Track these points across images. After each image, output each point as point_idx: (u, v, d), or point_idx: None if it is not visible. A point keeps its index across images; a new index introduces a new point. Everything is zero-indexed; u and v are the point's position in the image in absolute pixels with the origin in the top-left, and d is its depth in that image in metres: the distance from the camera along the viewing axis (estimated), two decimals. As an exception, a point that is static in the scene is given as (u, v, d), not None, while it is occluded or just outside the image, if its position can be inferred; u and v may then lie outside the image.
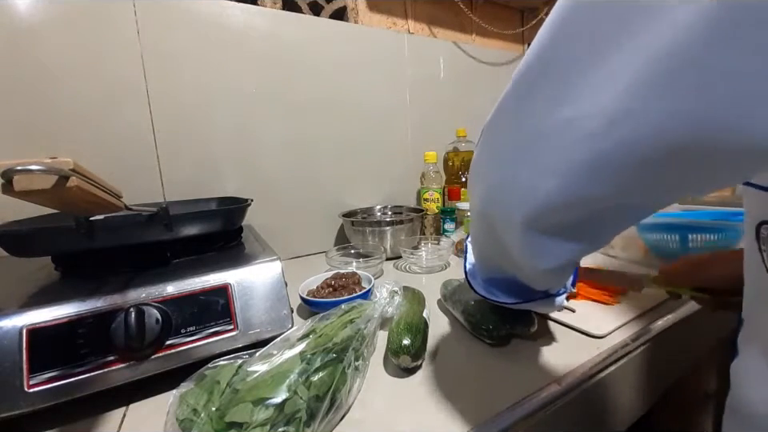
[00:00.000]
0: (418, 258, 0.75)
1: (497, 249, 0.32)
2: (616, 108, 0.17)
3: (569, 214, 0.23)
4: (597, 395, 0.41)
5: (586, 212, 0.22)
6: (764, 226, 0.25)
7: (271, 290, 0.45)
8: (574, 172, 0.20)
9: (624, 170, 0.18)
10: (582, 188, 0.20)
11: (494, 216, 0.28)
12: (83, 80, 0.63)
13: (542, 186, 0.22)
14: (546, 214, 0.23)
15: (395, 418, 0.35)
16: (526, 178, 0.23)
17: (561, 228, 0.24)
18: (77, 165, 0.25)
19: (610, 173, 0.19)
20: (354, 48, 0.90)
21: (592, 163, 0.19)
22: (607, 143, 0.18)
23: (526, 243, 0.26)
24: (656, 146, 0.17)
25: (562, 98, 0.20)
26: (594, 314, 0.51)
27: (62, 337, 0.35)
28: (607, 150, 0.18)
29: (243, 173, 0.79)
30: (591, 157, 0.19)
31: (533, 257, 0.27)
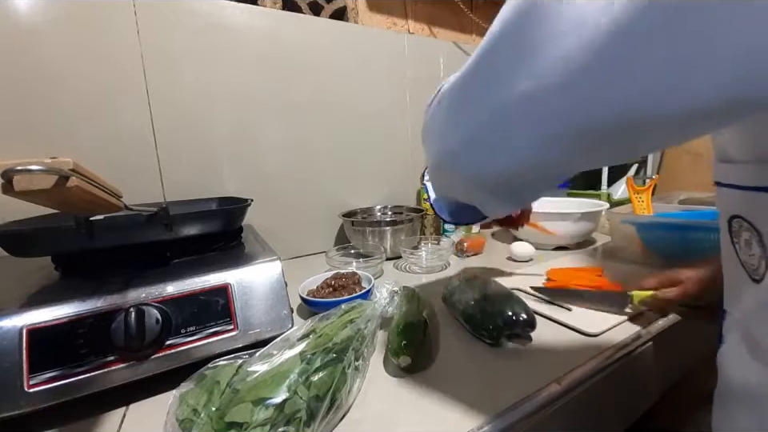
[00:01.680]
0: (417, 258, 0.75)
1: (453, 190, 0.38)
2: (558, 87, 0.20)
3: (522, 180, 0.27)
4: (597, 395, 0.41)
5: (524, 179, 0.27)
6: (735, 219, 0.27)
7: (271, 290, 0.45)
8: (530, 144, 0.23)
9: (570, 141, 0.22)
10: (534, 157, 0.24)
11: (452, 168, 0.32)
12: (83, 80, 0.63)
13: (500, 157, 0.25)
14: (504, 178, 0.27)
15: (395, 418, 0.35)
16: (489, 146, 0.26)
17: (507, 192, 0.29)
18: (77, 165, 0.25)
19: (559, 144, 0.22)
20: (354, 48, 0.90)
21: (544, 136, 0.22)
22: (557, 121, 0.21)
23: (473, 196, 0.32)
24: (598, 123, 0.20)
25: (519, 71, 0.22)
26: (590, 312, 0.51)
27: (61, 337, 0.35)
28: (555, 126, 0.21)
29: (243, 173, 0.79)
30: (544, 131, 0.22)
31: (481, 205, 0.33)
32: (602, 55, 0.17)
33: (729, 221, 0.28)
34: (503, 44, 0.24)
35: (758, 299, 0.25)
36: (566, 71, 0.19)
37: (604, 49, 0.17)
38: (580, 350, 0.43)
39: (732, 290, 0.30)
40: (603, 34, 0.17)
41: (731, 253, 0.28)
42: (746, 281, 0.26)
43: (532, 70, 0.21)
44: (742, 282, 0.27)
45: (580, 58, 0.18)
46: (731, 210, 0.27)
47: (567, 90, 0.19)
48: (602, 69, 0.18)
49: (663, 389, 0.51)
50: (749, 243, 0.25)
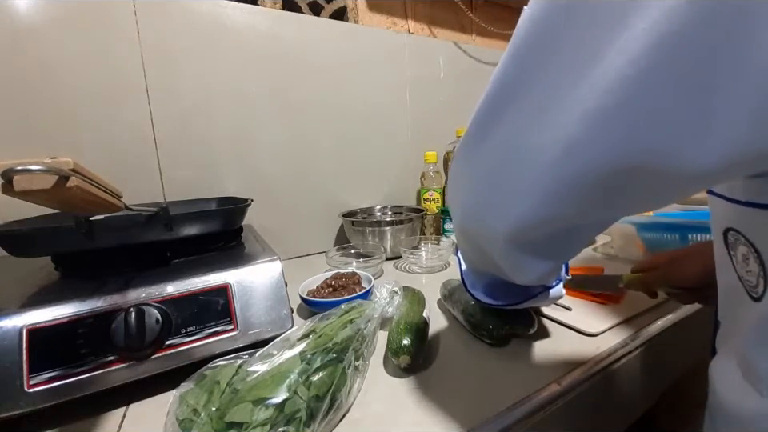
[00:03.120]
0: (417, 258, 0.75)
1: (483, 258, 0.33)
2: (576, 136, 0.19)
3: (539, 233, 0.24)
4: (596, 395, 0.41)
5: (553, 231, 0.24)
6: (730, 232, 0.26)
7: (271, 290, 0.45)
8: (543, 194, 0.21)
9: (585, 191, 0.20)
10: (550, 209, 0.22)
11: (475, 231, 0.29)
12: (83, 80, 0.63)
13: (514, 208, 0.23)
14: (520, 233, 0.24)
15: (395, 418, 0.35)
16: (499, 200, 0.24)
17: (534, 247, 0.26)
18: (77, 165, 0.25)
19: (573, 195, 0.21)
20: (354, 48, 0.90)
21: (557, 186, 0.21)
22: (570, 168, 0.20)
23: (508, 258, 0.28)
24: (609, 170, 0.19)
25: (528, 126, 0.21)
26: (590, 312, 0.51)
27: (61, 337, 0.35)
28: (570, 174, 0.20)
29: (243, 173, 0.79)
30: (556, 180, 0.20)
31: (515, 270, 0.29)
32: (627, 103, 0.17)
33: (724, 233, 0.26)
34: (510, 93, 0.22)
35: (756, 319, 0.24)
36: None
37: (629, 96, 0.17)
38: (580, 350, 0.43)
39: (727, 302, 0.29)
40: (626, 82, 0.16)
41: (727, 265, 0.27)
42: (744, 297, 0.25)
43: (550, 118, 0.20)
44: (740, 297, 0.26)
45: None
46: (725, 222, 0.26)
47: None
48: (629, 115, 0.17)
49: (663, 389, 0.51)
50: (746, 259, 0.24)
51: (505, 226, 0.24)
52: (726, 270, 0.27)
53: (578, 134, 0.18)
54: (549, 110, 0.20)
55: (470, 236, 0.31)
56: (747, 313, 0.25)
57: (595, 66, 0.17)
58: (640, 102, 0.16)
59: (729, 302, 0.29)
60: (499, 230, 0.25)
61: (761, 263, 0.23)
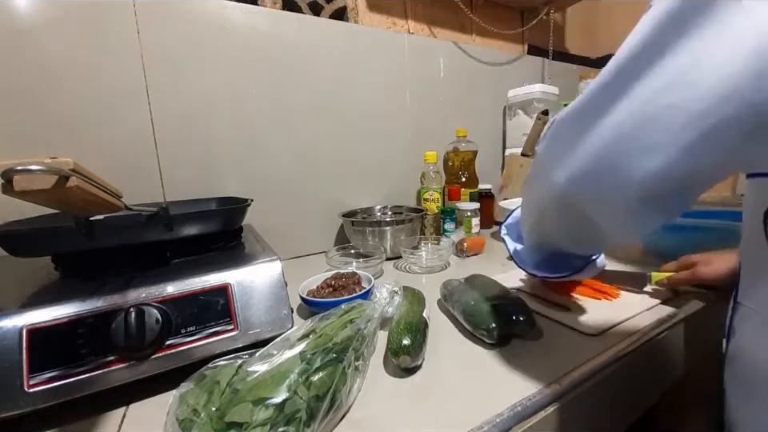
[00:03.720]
0: (417, 258, 0.75)
1: (569, 230, 0.35)
2: (719, 91, 0.20)
3: (669, 187, 0.25)
4: (597, 395, 0.41)
5: (681, 185, 0.25)
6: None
7: (271, 290, 0.45)
8: (679, 147, 0.23)
9: (724, 143, 0.22)
10: (688, 163, 0.23)
11: (589, 196, 0.29)
12: (83, 80, 0.63)
13: (652, 162, 0.24)
14: (654, 188, 0.25)
15: (395, 417, 0.35)
16: (633, 158, 0.25)
17: (658, 202, 0.26)
18: (77, 165, 0.25)
19: (713, 147, 0.22)
20: (354, 48, 0.90)
21: (698, 140, 0.22)
22: (711, 120, 0.21)
23: (630, 214, 0.28)
24: (748, 122, 0.20)
25: (664, 88, 0.22)
26: (590, 312, 0.51)
27: (61, 337, 0.35)
28: (710, 126, 0.21)
29: (243, 173, 0.79)
30: (698, 134, 0.22)
31: (628, 227, 0.30)
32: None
33: (765, 213, 0.28)
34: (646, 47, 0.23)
35: None
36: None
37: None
38: (580, 350, 0.43)
39: (753, 283, 0.31)
40: None
41: (761, 245, 0.28)
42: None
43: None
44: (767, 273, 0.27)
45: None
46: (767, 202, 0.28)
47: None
48: None
49: (663, 389, 0.51)
50: None
51: (639, 181, 0.25)
52: (758, 251, 0.29)
53: (726, 88, 0.20)
54: (690, 73, 0.21)
55: (571, 205, 0.31)
56: None
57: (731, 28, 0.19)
58: None
59: (755, 280, 0.30)
60: (630, 188, 0.26)
61: None
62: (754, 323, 0.29)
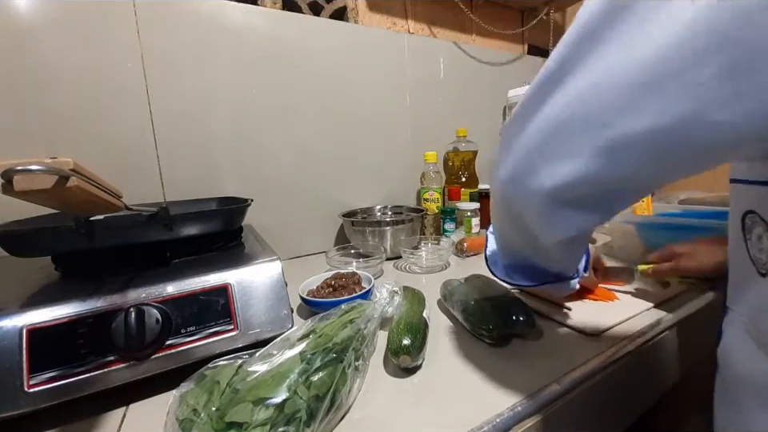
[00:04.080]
0: (417, 258, 0.75)
1: (516, 230, 0.35)
2: (620, 104, 0.22)
3: (582, 191, 0.26)
4: (596, 395, 0.41)
5: (597, 190, 0.26)
6: (748, 215, 0.28)
7: (271, 290, 0.45)
8: (587, 156, 0.24)
9: (628, 154, 0.23)
10: (596, 169, 0.24)
11: (515, 197, 0.31)
12: (83, 80, 0.63)
13: (561, 168, 0.26)
14: (564, 190, 0.26)
15: (395, 418, 0.35)
16: (542, 162, 0.27)
17: (577, 201, 0.28)
18: (77, 165, 0.25)
19: (615, 157, 0.23)
20: (354, 48, 0.90)
21: (603, 148, 0.23)
22: (614, 132, 0.22)
23: (545, 214, 0.29)
24: (651, 136, 0.21)
25: (575, 99, 0.24)
26: (590, 312, 0.51)
27: (61, 337, 0.35)
28: (612, 138, 0.22)
29: (243, 173, 0.79)
30: (603, 143, 0.23)
31: (550, 227, 0.31)
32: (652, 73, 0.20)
33: (742, 217, 0.28)
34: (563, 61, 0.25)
35: (764, 293, 0.26)
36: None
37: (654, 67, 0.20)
38: (580, 350, 0.43)
39: (738, 287, 0.31)
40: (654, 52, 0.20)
41: (741, 249, 0.29)
42: (754, 276, 0.27)
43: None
44: (750, 278, 0.28)
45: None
46: (745, 205, 0.28)
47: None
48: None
49: (663, 389, 0.51)
50: (760, 238, 0.26)
51: (550, 183, 0.26)
52: (740, 254, 0.29)
53: (628, 102, 0.21)
54: (600, 84, 0.22)
55: (509, 203, 0.33)
56: (756, 289, 0.27)
57: (644, 48, 0.20)
58: (681, 76, 0.19)
59: (739, 285, 0.30)
60: (544, 185, 0.27)
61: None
62: (738, 327, 0.29)
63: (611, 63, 0.22)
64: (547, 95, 0.25)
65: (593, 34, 0.22)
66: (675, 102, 0.20)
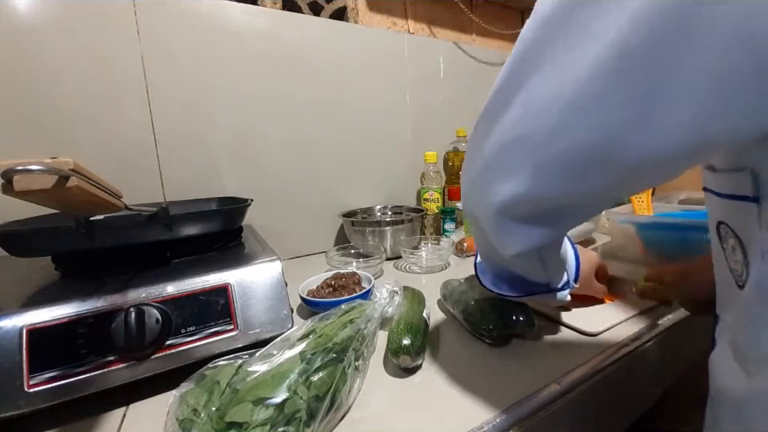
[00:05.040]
0: (417, 258, 0.75)
1: (484, 241, 0.36)
2: (552, 125, 0.23)
3: (527, 207, 0.28)
4: (596, 395, 0.41)
5: (542, 207, 0.27)
6: (721, 226, 0.27)
7: (271, 290, 0.45)
8: (527, 174, 0.25)
9: (561, 173, 0.24)
10: (534, 187, 0.26)
11: (474, 211, 0.33)
12: (83, 80, 0.63)
13: (507, 185, 0.27)
14: (510, 206, 0.28)
15: (395, 417, 0.35)
16: (493, 178, 0.28)
17: (527, 216, 0.29)
18: (77, 165, 0.25)
19: (551, 176, 0.25)
20: (354, 48, 0.90)
21: (537, 167, 0.25)
22: (548, 152, 0.24)
23: (498, 229, 0.31)
24: (580, 155, 0.23)
25: (517, 120, 0.25)
26: (590, 312, 0.51)
27: (62, 337, 0.35)
28: (547, 157, 0.24)
29: (243, 173, 0.79)
30: (537, 162, 0.25)
31: (505, 240, 0.32)
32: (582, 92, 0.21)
33: (717, 227, 0.28)
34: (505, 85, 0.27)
35: (742, 306, 0.25)
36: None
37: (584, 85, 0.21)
38: (580, 350, 0.43)
39: (722, 295, 0.30)
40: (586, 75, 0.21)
41: (721, 259, 0.29)
42: (734, 287, 0.27)
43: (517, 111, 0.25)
44: (731, 288, 0.27)
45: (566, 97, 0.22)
46: (717, 216, 0.28)
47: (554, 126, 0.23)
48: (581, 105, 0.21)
49: (663, 389, 0.51)
50: (734, 249, 0.26)
51: (498, 199, 0.28)
52: (721, 264, 0.29)
53: (556, 123, 0.23)
54: (534, 104, 0.24)
55: (470, 213, 0.34)
56: (736, 302, 0.27)
57: (570, 72, 0.21)
58: (599, 101, 0.21)
59: (723, 295, 0.30)
60: (493, 202, 0.28)
61: (743, 251, 0.25)
62: (725, 337, 0.29)
63: (542, 87, 0.23)
64: (497, 112, 0.27)
65: (526, 60, 0.24)
66: (597, 123, 0.21)
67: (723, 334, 0.30)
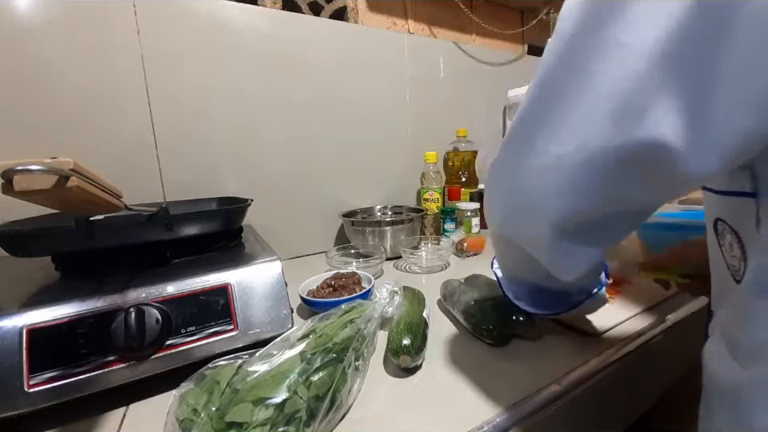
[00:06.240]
0: (418, 258, 0.75)
1: (524, 262, 0.35)
2: (585, 144, 0.24)
3: (578, 223, 0.28)
4: (596, 395, 0.41)
5: (591, 219, 0.27)
6: (718, 222, 0.28)
7: (271, 290, 0.45)
8: (569, 191, 0.26)
9: (598, 186, 0.25)
10: (578, 203, 0.26)
11: (517, 235, 0.32)
12: (83, 80, 0.63)
13: (552, 204, 0.27)
14: (564, 222, 0.28)
15: (395, 417, 0.35)
16: (540, 199, 0.28)
17: (579, 234, 0.29)
18: (77, 165, 0.25)
19: (591, 189, 0.25)
20: (354, 48, 0.90)
21: (577, 184, 0.25)
22: (584, 169, 0.24)
23: (555, 250, 0.30)
24: (613, 166, 0.23)
25: (550, 140, 0.25)
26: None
27: (62, 337, 0.35)
28: (584, 173, 0.24)
29: (243, 173, 0.79)
30: (576, 179, 0.25)
31: (561, 263, 0.31)
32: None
33: (714, 224, 0.29)
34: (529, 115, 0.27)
35: (738, 299, 0.26)
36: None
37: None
38: (580, 350, 0.43)
39: (718, 291, 0.31)
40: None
41: (718, 255, 0.29)
42: (730, 282, 0.27)
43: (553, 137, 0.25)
44: (727, 283, 0.28)
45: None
46: (714, 213, 0.29)
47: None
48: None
49: (663, 389, 0.51)
50: (731, 245, 0.27)
51: (549, 219, 0.28)
52: (717, 260, 0.30)
53: (589, 138, 0.23)
54: (567, 123, 0.24)
55: (509, 241, 0.34)
56: (732, 296, 0.27)
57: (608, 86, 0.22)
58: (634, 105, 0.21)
59: (719, 291, 0.31)
60: (545, 224, 0.28)
61: (741, 246, 0.25)
62: (718, 332, 0.30)
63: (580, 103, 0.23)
64: (534, 133, 0.27)
65: (557, 76, 0.25)
66: (647, 134, 0.21)
67: (717, 328, 0.30)
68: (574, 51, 0.23)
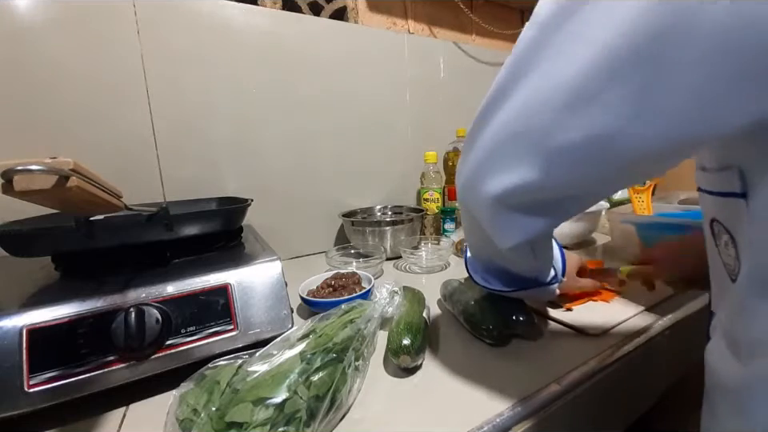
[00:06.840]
0: (417, 258, 0.75)
1: (478, 234, 0.37)
2: (548, 124, 0.24)
3: (525, 198, 0.29)
4: (597, 395, 0.41)
5: (541, 196, 0.28)
6: (714, 223, 0.28)
7: (271, 290, 0.45)
8: (525, 167, 0.27)
9: (558, 166, 0.26)
10: (532, 180, 0.27)
11: (470, 201, 0.33)
12: (83, 80, 0.63)
13: (506, 176, 0.28)
14: (508, 196, 0.29)
15: (395, 417, 0.35)
16: (491, 170, 0.29)
17: (524, 206, 0.30)
18: (77, 165, 0.25)
19: (549, 169, 0.26)
20: (354, 48, 0.90)
21: (535, 161, 0.26)
22: (546, 147, 0.25)
23: (495, 220, 0.32)
24: (576, 150, 0.24)
25: (515, 117, 0.26)
26: (590, 312, 0.51)
27: (61, 337, 0.35)
28: (545, 152, 0.25)
29: (243, 173, 0.79)
30: (534, 157, 0.26)
31: (502, 230, 0.33)
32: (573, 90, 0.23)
33: (710, 224, 0.29)
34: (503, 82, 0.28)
35: (735, 297, 0.26)
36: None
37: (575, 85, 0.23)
38: (580, 350, 0.43)
39: (717, 291, 0.31)
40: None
41: (715, 255, 0.30)
42: (727, 281, 0.28)
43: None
44: (725, 283, 0.28)
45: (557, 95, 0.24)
46: (710, 214, 0.29)
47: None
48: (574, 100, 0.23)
49: (663, 389, 0.51)
50: (727, 245, 0.27)
51: (496, 190, 0.29)
52: (715, 260, 0.30)
53: (551, 122, 0.24)
54: (531, 103, 0.25)
55: (466, 206, 0.35)
56: (729, 295, 0.28)
57: (565, 74, 0.23)
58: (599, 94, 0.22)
59: (718, 291, 0.31)
60: (491, 192, 0.29)
61: (735, 246, 0.26)
62: (719, 332, 0.30)
63: (539, 86, 0.25)
64: (496, 109, 0.28)
65: (526, 60, 0.25)
66: (596, 119, 0.22)
67: (717, 327, 0.31)
68: (544, 37, 0.25)
